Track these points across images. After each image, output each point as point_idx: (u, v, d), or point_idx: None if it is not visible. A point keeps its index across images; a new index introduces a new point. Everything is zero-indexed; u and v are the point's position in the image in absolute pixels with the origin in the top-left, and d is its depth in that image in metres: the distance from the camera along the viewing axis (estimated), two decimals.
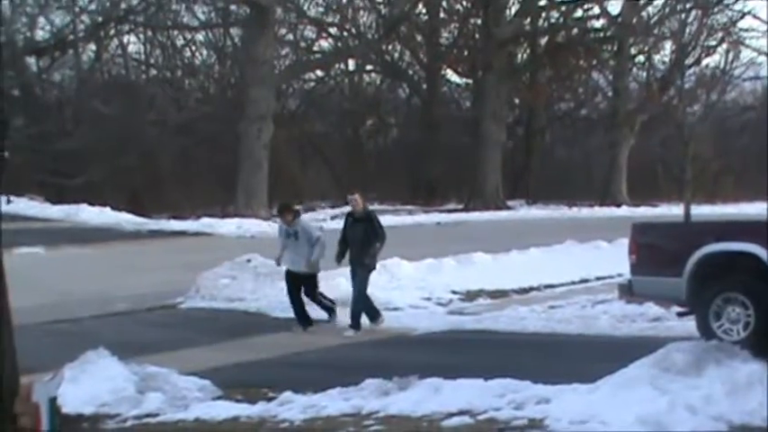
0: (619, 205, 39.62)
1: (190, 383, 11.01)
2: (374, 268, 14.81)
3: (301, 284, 15.01)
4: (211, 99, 42.56)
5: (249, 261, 18.31)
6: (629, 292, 12.37)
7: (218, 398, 10.66)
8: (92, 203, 31.64)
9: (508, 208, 39.77)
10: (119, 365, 11.06)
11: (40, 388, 5.02)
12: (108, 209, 31.96)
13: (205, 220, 31.25)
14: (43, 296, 16.59)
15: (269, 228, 30.33)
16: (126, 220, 31.42)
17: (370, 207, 15.90)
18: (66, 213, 31.95)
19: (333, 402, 9.47)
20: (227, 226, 30.39)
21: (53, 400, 5.03)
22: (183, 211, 34.63)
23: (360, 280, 14.48)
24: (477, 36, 44.20)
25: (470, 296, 17.64)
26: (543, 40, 44.27)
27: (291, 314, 15.03)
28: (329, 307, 15.23)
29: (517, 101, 46.88)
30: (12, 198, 31.08)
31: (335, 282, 17.78)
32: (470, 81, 45.93)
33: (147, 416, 10.06)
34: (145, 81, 41.05)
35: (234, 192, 36.11)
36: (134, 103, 33.67)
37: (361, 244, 14.40)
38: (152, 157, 37.99)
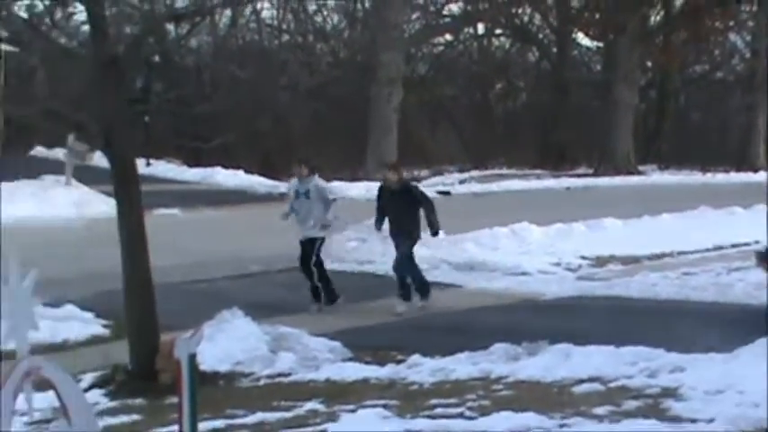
0: (756, 170, 38.50)
1: (320, 344, 11.24)
2: (419, 238, 14.09)
3: (311, 252, 13.96)
4: (342, 63, 42.85)
5: None
6: (766, 259, 12.10)
7: (348, 359, 10.86)
8: (226, 166, 32.29)
9: (640, 173, 39.06)
10: (252, 325, 11.36)
11: (181, 345, 5.19)
12: (241, 172, 32.56)
13: (335, 184, 31.57)
14: (180, 257, 17.05)
15: None
16: (258, 182, 31.98)
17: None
18: (202, 176, 32.68)
19: (461, 366, 9.54)
20: (357, 189, 30.64)
21: (193, 358, 5.21)
22: None
23: (402, 250, 13.81)
24: None
25: (600, 262, 17.48)
26: (678, 2, 43.20)
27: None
28: (321, 291, 13.99)
29: (650, 64, 45.89)
30: (151, 161, 31.95)
31: (463, 246, 17.84)
32: (601, 44, 45.15)
33: (280, 375, 10.32)
34: (277, 46, 41.59)
35: (363, 155, 36.37)
36: (267, 67, 34.18)
37: (404, 215, 13.69)
38: (284, 121, 38.53)
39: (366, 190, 30.45)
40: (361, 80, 37.86)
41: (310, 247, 13.95)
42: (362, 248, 17.80)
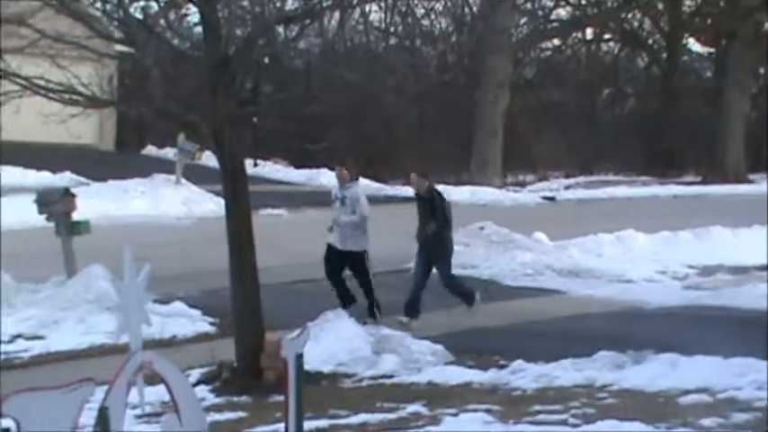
0: None
1: (423, 347, 11.25)
2: (450, 253, 13.50)
3: (342, 263, 13.22)
4: (449, 67, 42.83)
5: (482, 228, 18.43)
6: None
7: (450, 363, 10.85)
8: (331, 168, 32.51)
9: (750, 182, 38.21)
10: (356, 327, 11.43)
11: (288, 344, 5.25)
12: None
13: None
14: (285, 257, 17.23)
15: (502, 196, 30.39)
16: (362, 185, 32.15)
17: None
18: (308, 177, 32.99)
19: (565, 373, 9.46)
20: (461, 193, 30.58)
21: (299, 357, 5.26)
22: None
23: (441, 268, 13.38)
24: (721, 3, 42.55)
25: (708, 271, 17.16)
26: None
27: (524, 283, 15.01)
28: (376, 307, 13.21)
29: (762, 70, 44.87)
30: (258, 161, 32.36)
31: (568, 252, 17.68)
32: (713, 50, 44.32)
33: (382, 377, 10.36)
34: (384, 49, 41.77)
35: (468, 159, 36.29)
36: (374, 70, 34.37)
37: (423, 225, 13.44)
38: (389, 124, 38.66)
39: (470, 194, 30.39)
40: (468, 84, 37.78)
41: (339, 258, 13.14)
42: (466, 252, 17.76)
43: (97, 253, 14.34)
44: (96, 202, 21.60)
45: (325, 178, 31.94)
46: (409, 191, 31.56)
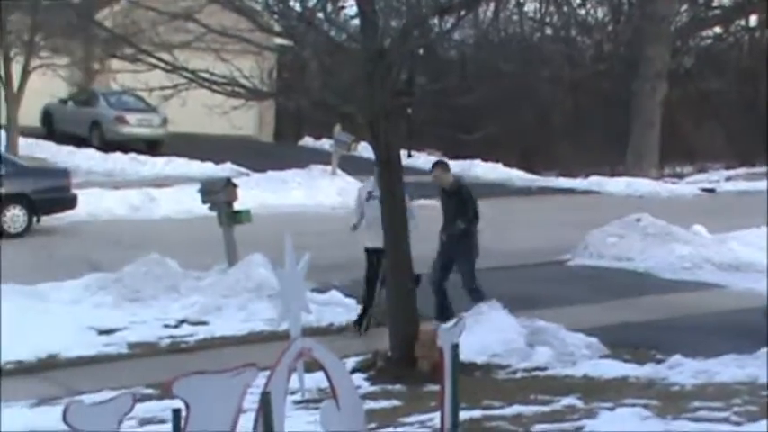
0: None
1: (577, 340, 11.13)
2: (475, 254, 12.52)
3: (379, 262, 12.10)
4: (605, 57, 42.14)
5: (638, 220, 18.10)
6: None
7: (605, 356, 10.71)
8: (485, 159, 32.47)
9: None
10: (509, 318, 11.39)
11: (444, 334, 5.29)
12: (500, 165, 32.66)
13: (594, 179, 31.15)
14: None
15: (659, 187, 29.78)
16: (517, 176, 31.97)
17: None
18: (461, 168, 32.95)
19: (726, 369, 9.23)
20: (616, 185, 30.11)
21: (455, 347, 5.29)
22: (572, 168, 34.68)
23: (464, 271, 12.41)
24: None
25: None
26: None
27: (682, 276, 14.68)
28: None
29: None
30: (412, 152, 32.54)
31: (728, 245, 17.21)
32: None
33: (536, 369, 10.31)
34: (539, 39, 41.44)
35: (623, 150, 35.68)
36: (529, 60, 34.09)
37: (450, 222, 12.48)
38: (544, 115, 38.32)
39: (626, 185, 29.91)
40: (624, 74, 37.12)
41: (377, 259, 12.28)
42: (621, 245, 17.48)
43: (257, 242, 14.70)
44: (256, 192, 22.11)
45: (480, 169, 31.93)
46: (563, 182, 31.37)
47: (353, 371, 10.25)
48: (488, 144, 33.79)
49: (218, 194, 14.95)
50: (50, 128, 32.17)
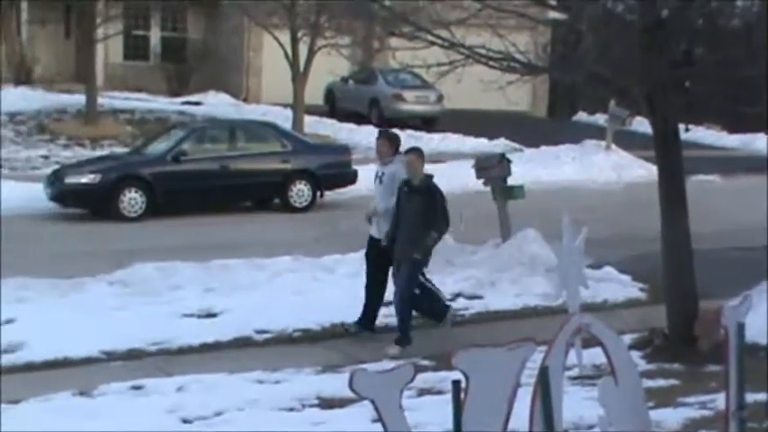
0: None
1: None
2: (425, 265, 10.87)
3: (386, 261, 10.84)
4: None
5: None
6: None
7: None
8: None
9: None
10: None
11: (729, 313, 5.12)
12: None
13: None
14: (716, 223, 16.75)
15: None
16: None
17: None
18: (742, 142, 31.75)
19: None
20: None
21: (741, 327, 5.12)
22: None
23: (404, 277, 10.66)
24: None
25: None
26: None
27: None
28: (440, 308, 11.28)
29: None
30: (690, 126, 31.56)
31: None
32: None
33: None
34: None
35: None
36: None
37: (414, 225, 10.47)
38: None
39: None
40: None
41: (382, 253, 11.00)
42: None
43: (530, 217, 14.72)
44: (529, 167, 22.10)
45: (762, 143, 30.54)
46: None
47: (629, 348, 10.11)
48: None
49: (493, 170, 15.05)
50: (333, 106, 33.36)
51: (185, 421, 8.31)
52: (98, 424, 8.09)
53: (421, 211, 10.44)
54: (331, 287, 12.98)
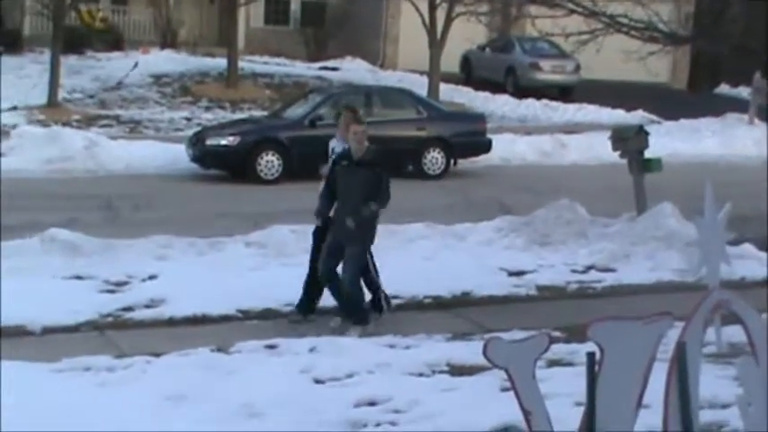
0: None
1: None
2: (371, 242, 10.22)
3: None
4: None
5: None
6: None
7: None
8: None
9: None
10: None
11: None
12: None
13: None
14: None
15: None
16: None
17: None
18: None
19: None
20: None
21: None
22: None
23: (353, 259, 10.03)
24: None
25: None
26: None
27: None
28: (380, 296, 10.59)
29: None
30: None
31: None
32: None
33: None
34: None
35: None
36: None
37: (357, 202, 9.85)
38: None
39: None
40: None
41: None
42: None
43: (666, 191, 14.45)
44: (667, 140, 21.70)
45: None
46: None
47: None
48: None
49: (629, 142, 14.80)
50: (468, 74, 33.26)
51: (318, 381, 8.47)
52: (235, 379, 8.31)
53: (365, 183, 9.82)
54: (462, 255, 13.01)
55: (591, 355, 4.17)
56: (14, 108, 23.70)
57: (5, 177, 16.70)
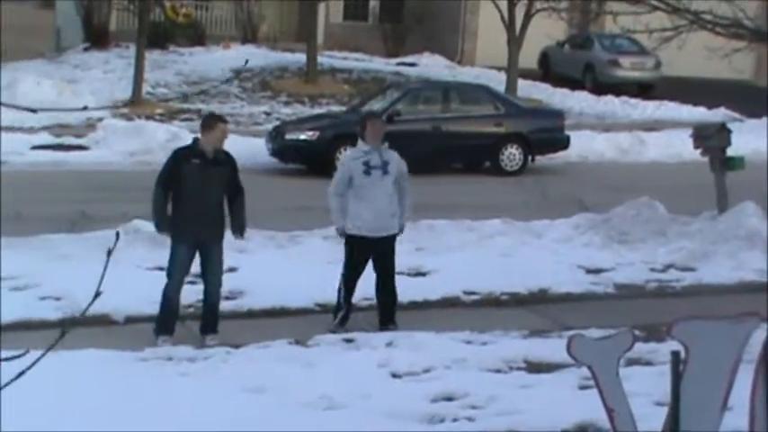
0: None
1: None
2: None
3: (381, 257, 9.88)
4: None
5: None
6: None
7: None
8: None
9: None
10: None
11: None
12: None
13: None
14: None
15: None
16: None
17: None
18: None
19: None
20: None
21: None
22: None
23: (219, 261, 9.55)
24: None
25: None
26: None
27: None
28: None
29: None
30: None
31: None
32: None
33: None
34: None
35: None
36: None
37: (217, 203, 9.41)
38: None
39: None
40: None
41: (389, 249, 9.99)
42: None
43: (749, 190, 14.24)
44: (749, 138, 21.31)
45: None
46: None
47: None
48: None
49: (711, 139, 14.61)
50: (547, 70, 33.05)
51: (395, 376, 8.52)
52: (313, 372, 8.39)
53: (222, 181, 9.43)
54: (539, 252, 12.97)
55: (676, 354, 4.14)
56: (85, 108, 24.07)
57: (91, 169, 17.01)
